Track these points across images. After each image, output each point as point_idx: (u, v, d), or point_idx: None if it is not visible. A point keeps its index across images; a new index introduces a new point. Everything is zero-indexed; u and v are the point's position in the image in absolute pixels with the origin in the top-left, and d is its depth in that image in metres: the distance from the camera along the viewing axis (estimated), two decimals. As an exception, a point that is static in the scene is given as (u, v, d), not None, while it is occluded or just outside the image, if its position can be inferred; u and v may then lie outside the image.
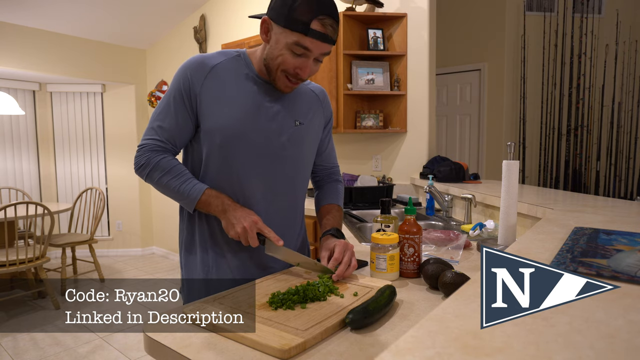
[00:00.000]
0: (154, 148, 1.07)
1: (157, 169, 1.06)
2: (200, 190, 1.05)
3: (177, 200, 1.10)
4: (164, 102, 1.08)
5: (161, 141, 1.07)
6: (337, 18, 1.01)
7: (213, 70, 1.07)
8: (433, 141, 2.97)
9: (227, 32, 4.00)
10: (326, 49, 1.02)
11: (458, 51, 4.31)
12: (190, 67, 1.06)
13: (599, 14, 4.00)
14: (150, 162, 1.06)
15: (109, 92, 4.97)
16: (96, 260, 3.99)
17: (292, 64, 1.03)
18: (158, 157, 1.06)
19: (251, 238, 1.02)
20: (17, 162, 4.63)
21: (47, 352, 2.62)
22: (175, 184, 1.06)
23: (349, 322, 0.76)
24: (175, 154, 1.12)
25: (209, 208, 1.06)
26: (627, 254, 0.71)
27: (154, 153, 1.07)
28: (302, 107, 1.17)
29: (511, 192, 1.21)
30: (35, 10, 3.83)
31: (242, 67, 1.10)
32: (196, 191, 1.05)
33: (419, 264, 1.07)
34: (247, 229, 1.01)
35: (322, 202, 1.28)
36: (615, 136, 3.96)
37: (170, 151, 1.09)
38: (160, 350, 0.73)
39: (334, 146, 1.35)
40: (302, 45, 0.99)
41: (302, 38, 0.98)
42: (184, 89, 1.06)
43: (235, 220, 1.03)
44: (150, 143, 1.07)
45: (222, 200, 1.05)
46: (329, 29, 0.99)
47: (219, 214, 1.05)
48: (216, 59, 1.09)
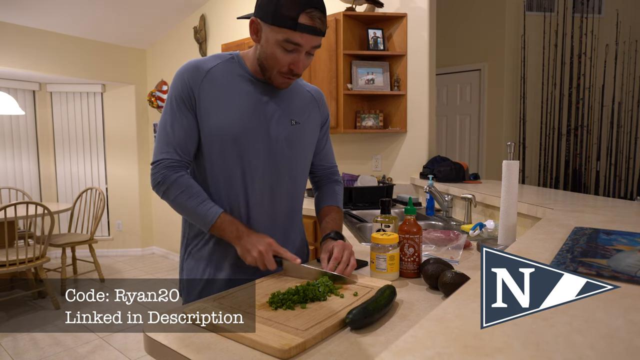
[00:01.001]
0: (170, 164, 1.06)
1: (173, 186, 1.05)
2: (216, 214, 1.04)
3: (191, 221, 1.10)
4: (167, 111, 1.08)
5: (175, 153, 1.07)
6: (324, 10, 1.01)
7: (209, 74, 1.07)
8: (433, 141, 2.97)
9: (227, 32, 4.00)
10: (316, 42, 1.02)
11: (458, 51, 4.31)
12: (187, 71, 1.07)
13: (599, 14, 4.00)
14: (166, 180, 1.06)
15: (109, 92, 4.97)
16: (96, 260, 3.99)
17: (285, 61, 1.03)
18: (175, 175, 1.06)
19: (268, 261, 1.01)
20: (17, 162, 4.63)
21: (47, 352, 2.62)
22: (191, 204, 1.05)
23: (349, 322, 0.76)
24: (189, 166, 1.12)
25: (223, 233, 1.06)
26: (627, 254, 0.71)
27: (169, 170, 1.06)
28: (298, 107, 1.17)
29: (511, 192, 1.21)
30: (35, 10, 3.83)
31: (237, 69, 1.11)
32: (211, 215, 1.04)
33: (419, 264, 1.07)
34: (264, 252, 1.01)
35: (322, 204, 1.28)
36: (615, 136, 3.95)
37: (184, 166, 1.09)
38: (160, 350, 0.73)
39: (331, 146, 1.36)
40: (292, 42, 0.99)
41: (292, 34, 0.98)
42: (184, 92, 1.06)
43: (250, 245, 1.02)
44: (165, 158, 1.06)
45: (236, 227, 1.05)
46: (317, 21, 0.99)
47: (233, 240, 1.05)
48: (211, 62, 1.09)
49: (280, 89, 1.13)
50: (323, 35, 1.03)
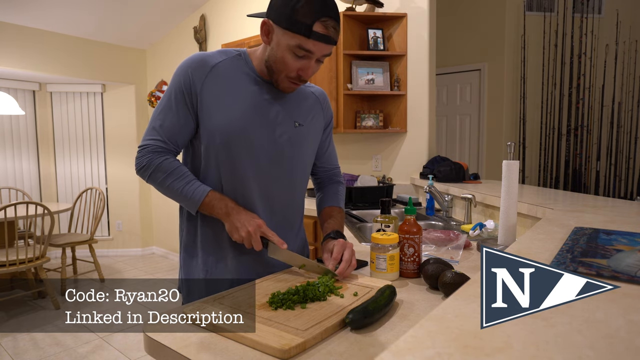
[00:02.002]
0: (156, 149, 1.06)
1: (159, 170, 1.05)
2: (204, 192, 1.05)
3: (179, 202, 1.10)
4: (164, 100, 1.08)
5: (163, 141, 1.06)
6: (338, 19, 1.00)
7: (214, 69, 1.06)
8: (433, 141, 2.97)
9: (227, 32, 4.00)
10: (328, 50, 1.02)
11: (458, 51, 4.31)
12: (192, 65, 1.06)
13: (599, 14, 4.00)
14: (151, 163, 1.06)
15: (109, 92, 4.97)
16: (96, 260, 3.99)
17: (295, 66, 1.02)
18: (160, 159, 1.06)
19: (255, 242, 1.02)
20: (17, 162, 4.63)
21: (47, 352, 2.62)
22: (178, 185, 1.05)
23: (349, 322, 0.76)
24: (177, 154, 1.11)
25: (212, 210, 1.06)
26: (627, 254, 0.71)
27: (155, 154, 1.06)
28: (302, 108, 1.17)
29: (511, 192, 1.21)
30: (35, 10, 3.83)
31: (243, 66, 1.10)
32: (199, 193, 1.05)
33: (419, 264, 1.07)
34: (252, 232, 1.01)
35: (324, 205, 1.28)
36: (615, 136, 3.95)
37: (171, 152, 1.09)
38: (160, 350, 0.73)
39: (334, 148, 1.35)
40: (304, 48, 0.99)
41: (305, 41, 0.98)
42: (185, 86, 1.05)
43: (240, 223, 1.03)
44: (152, 144, 1.06)
45: (225, 203, 1.05)
46: (332, 30, 0.99)
47: (222, 217, 1.05)
48: (217, 57, 1.08)
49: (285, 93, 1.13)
50: (335, 44, 1.02)
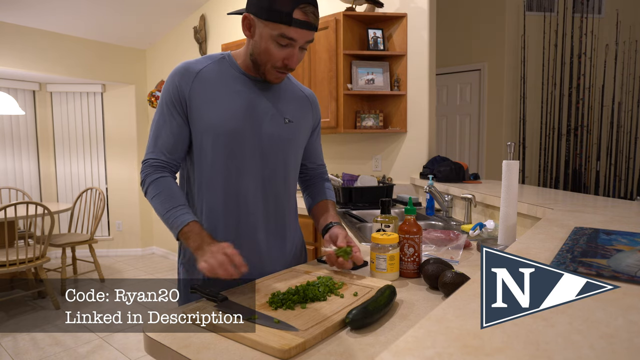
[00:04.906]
0: (154, 164, 1.08)
1: (152, 187, 1.06)
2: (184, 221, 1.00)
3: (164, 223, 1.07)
4: (157, 114, 1.10)
5: (161, 155, 1.08)
6: (316, 4, 1.02)
7: (199, 75, 1.08)
8: (433, 141, 2.97)
9: (227, 32, 4.00)
10: (310, 36, 1.04)
11: (458, 51, 4.31)
12: (177, 74, 1.08)
13: (599, 14, 4.00)
14: (147, 179, 1.07)
15: (109, 92, 4.97)
16: (96, 260, 3.99)
17: (279, 56, 1.04)
18: (155, 175, 1.07)
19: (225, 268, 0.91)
20: (17, 162, 4.63)
21: (47, 352, 2.62)
22: (164, 207, 1.03)
23: (349, 322, 0.76)
24: (177, 167, 1.12)
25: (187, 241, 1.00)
26: (627, 254, 0.71)
27: (152, 169, 1.07)
28: (291, 106, 1.18)
29: (511, 192, 1.21)
30: (35, 10, 3.83)
31: (228, 68, 1.12)
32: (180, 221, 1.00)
33: (419, 264, 1.07)
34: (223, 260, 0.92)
35: (318, 198, 1.29)
36: (615, 136, 3.95)
37: (169, 166, 1.09)
38: (160, 350, 0.73)
39: (320, 145, 1.37)
40: (286, 36, 1.00)
41: (286, 29, 0.99)
42: (174, 95, 1.07)
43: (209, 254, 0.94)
44: (152, 158, 1.08)
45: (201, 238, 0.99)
46: (311, 16, 1.01)
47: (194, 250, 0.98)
48: (201, 63, 1.11)
49: (273, 86, 1.14)
50: (316, 30, 1.04)
